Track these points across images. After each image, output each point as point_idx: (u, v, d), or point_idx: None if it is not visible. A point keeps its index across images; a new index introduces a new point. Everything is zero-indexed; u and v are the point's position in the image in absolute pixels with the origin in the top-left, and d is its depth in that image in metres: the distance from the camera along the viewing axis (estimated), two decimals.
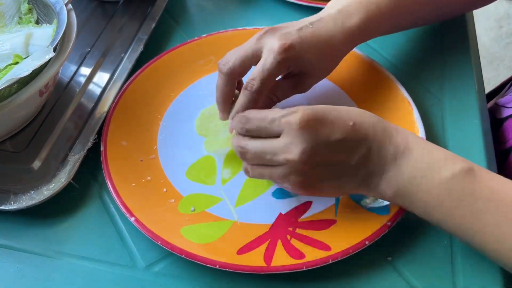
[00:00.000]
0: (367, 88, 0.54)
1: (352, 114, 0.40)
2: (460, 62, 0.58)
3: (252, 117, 0.41)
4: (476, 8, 0.59)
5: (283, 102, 0.50)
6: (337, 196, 0.45)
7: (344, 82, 0.55)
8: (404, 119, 0.50)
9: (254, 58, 0.46)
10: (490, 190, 0.36)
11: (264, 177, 0.42)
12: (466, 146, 0.50)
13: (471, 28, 0.63)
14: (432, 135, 0.50)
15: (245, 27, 0.60)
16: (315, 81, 0.49)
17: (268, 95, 0.48)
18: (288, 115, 0.39)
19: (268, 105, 0.49)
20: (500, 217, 0.35)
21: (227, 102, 0.48)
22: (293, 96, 0.50)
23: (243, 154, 0.41)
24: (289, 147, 0.38)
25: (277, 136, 0.39)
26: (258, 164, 0.41)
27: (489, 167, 0.48)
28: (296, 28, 0.46)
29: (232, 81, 0.47)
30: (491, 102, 0.64)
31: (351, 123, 0.39)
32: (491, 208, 0.36)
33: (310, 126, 0.38)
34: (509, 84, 0.66)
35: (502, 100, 0.60)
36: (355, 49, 0.57)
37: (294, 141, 0.38)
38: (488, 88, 0.69)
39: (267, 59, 0.44)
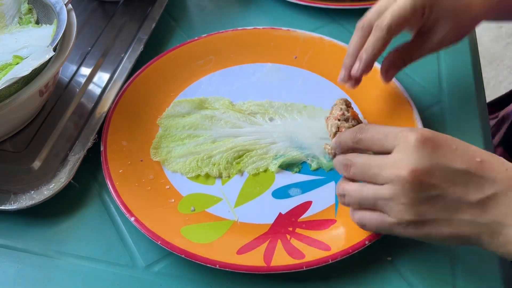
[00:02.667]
0: (367, 89, 0.54)
1: (481, 152, 0.36)
2: (460, 62, 0.58)
3: (367, 128, 0.38)
4: None
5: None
6: (450, 243, 0.37)
7: None
8: (404, 119, 0.50)
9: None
10: None
11: (364, 201, 0.37)
12: None
13: None
14: None
15: (245, 27, 0.61)
16: (449, 35, 0.46)
17: (402, 55, 0.46)
18: (406, 130, 0.36)
19: (399, 66, 0.46)
20: None
21: (356, 55, 0.45)
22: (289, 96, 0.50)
23: (347, 167, 0.38)
24: (399, 163, 0.35)
25: (388, 153, 0.36)
26: (359, 188, 0.38)
27: None
28: None
29: (366, 33, 0.45)
30: None
31: (478, 159, 0.35)
32: None
33: (428, 145, 0.35)
34: None
35: None
36: None
37: (407, 158, 0.35)
38: (488, 88, 0.69)
39: None
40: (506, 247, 0.35)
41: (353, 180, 0.39)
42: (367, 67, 0.45)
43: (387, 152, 0.36)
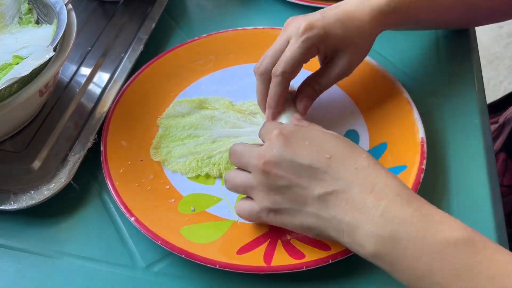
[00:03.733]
0: (367, 88, 0.54)
1: (337, 149, 0.38)
2: (460, 62, 0.58)
3: (265, 125, 0.43)
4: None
5: None
6: (307, 234, 0.40)
7: (343, 82, 0.55)
8: (404, 119, 0.50)
9: (284, 48, 0.46)
10: (494, 265, 0.31)
11: (237, 187, 0.42)
12: (466, 146, 0.50)
13: (471, 28, 0.63)
14: (432, 135, 0.50)
15: (245, 27, 0.60)
16: (351, 60, 0.47)
17: (311, 85, 0.48)
18: (275, 127, 0.40)
19: (312, 96, 0.48)
20: None
21: (265, 102, 0.48)
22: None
23: (230, 156, 0.43)
24: (260, 154, 0.39)
25: None
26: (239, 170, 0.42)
27: (489, 168, 0.48)
28: (319, 11, 0.47)
29: (268, 81, 0.47)
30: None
31: (327, 156, 0.37)
32: (494, 286, 0.30)
33: (281, 140, 0.38)
34: None
35: None
36: None
37: (265, 150, 0.39)
38: (488, 88, 0.69)
39: (292, 42, 0.45)
40: (352, 247, 0.36)
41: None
42: (277, 110, 0.48)
43: None
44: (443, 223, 0.33)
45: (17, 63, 0.46)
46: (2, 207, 0.44)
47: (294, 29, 0.45)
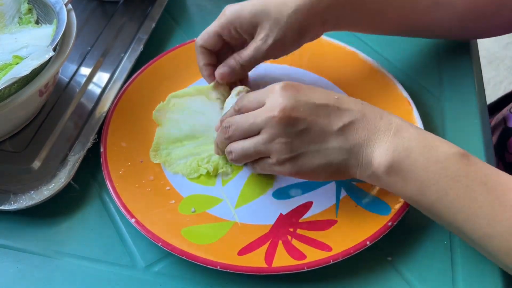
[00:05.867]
0: (367, 88, 0.54)
1: (338, 94, 0.42)
2: (460, 62, 0.58)
3: (244, 96, 0.44)
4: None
5: None
6: (328, 177, 0.43)
7: (343, 82, 0.55)
8: (404, 119, 0.50)
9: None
10: (484, 174, 0.37)
11: (247, 152, 0.42)
12: (466, 146, 0.50)
13: None
14: None
15: None
16: (268, 34, 0.47)
17: (234, 56, 0.50)
18: (272, 84, 0.42)
19: (232, 65, 0.50)
20: (494, 199, 0.36)
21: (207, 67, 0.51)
22: None
23: (227, 129, 0.43)
24: (270, 107, 0.40)
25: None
26: (242, 140, 0.43)
27: None
28: None
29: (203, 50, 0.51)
30: (506, 109, 0.64)
31: (336, 97, 0.41)
32: (485, 191, 0.36)
33: (291, 88, 0.41)
34: None
35: None
36: (354, 49, 0.57)
37: (275, 101, 0.40)
38: (488, 88, 0.69)
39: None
40: (370, 169, 0.39)
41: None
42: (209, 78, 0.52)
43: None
44: (442, 142, 0.39)
45: (17, 63, 0.46)
46: (2, 207, 0.44)
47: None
